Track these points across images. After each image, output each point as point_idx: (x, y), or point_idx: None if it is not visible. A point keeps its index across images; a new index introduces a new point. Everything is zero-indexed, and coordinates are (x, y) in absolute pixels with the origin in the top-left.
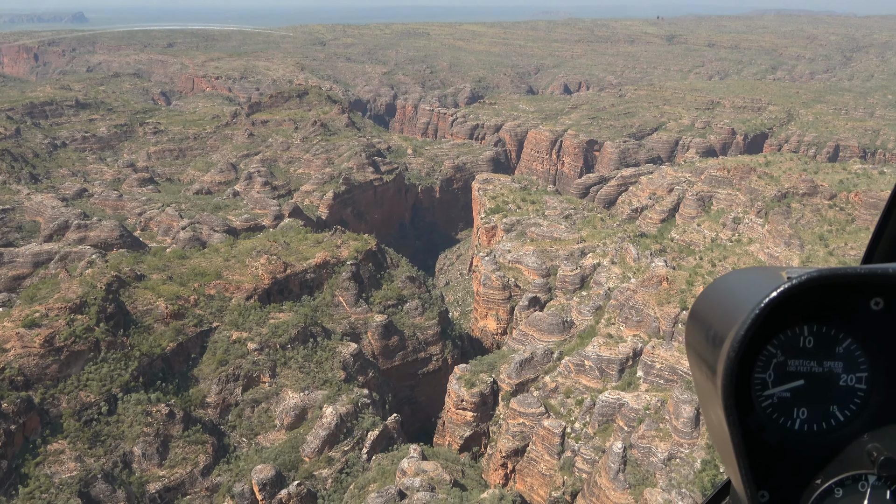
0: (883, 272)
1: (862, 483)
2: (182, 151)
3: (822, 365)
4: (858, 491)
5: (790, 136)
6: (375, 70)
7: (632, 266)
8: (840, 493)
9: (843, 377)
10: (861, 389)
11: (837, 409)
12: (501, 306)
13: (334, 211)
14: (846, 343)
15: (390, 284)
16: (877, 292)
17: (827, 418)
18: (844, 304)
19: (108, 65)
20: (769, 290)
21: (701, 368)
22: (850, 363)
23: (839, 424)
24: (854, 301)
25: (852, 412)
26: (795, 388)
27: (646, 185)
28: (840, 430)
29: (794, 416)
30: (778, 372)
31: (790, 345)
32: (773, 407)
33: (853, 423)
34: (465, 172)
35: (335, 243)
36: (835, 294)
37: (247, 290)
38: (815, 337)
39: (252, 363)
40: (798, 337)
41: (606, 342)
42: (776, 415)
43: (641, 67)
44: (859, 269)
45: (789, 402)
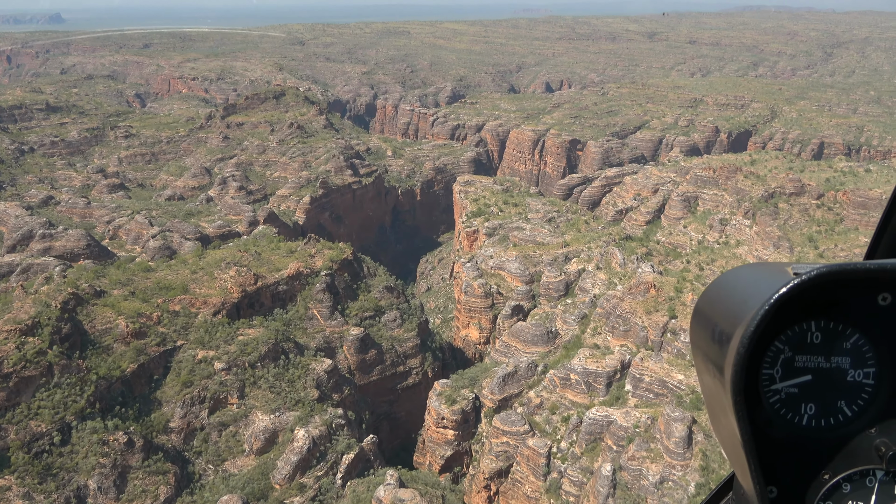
0: (892, 267)
1: (870, 478)
2: (154, 156)
3: (829, 360)
4: (866, 486)
5: (774, 134)
6: (355, 70)
7: (618, 271)
8: (848, 489)
9: (851, 372)
10: (869, 385)
11: (845, 404)
12: (484, 315)
13: (312, 216)
14: (854, 338)
15: (367, 295)
16: (884, 287)
17: (835, 413)
18: (852, 299)
19: (82, 66)
20: (778, 286)
21: (707, 366)
22: (857, 358)
23: (847, 420)
24: (862, 296)
25: (860, 407)
26: (803, 383)
27: (630, 185)
28: (848, 426)
29: (801, 412)
30: (786, 367)
31: (798, 340)
32: (780, 402)
33: (861, 419)
34: (446, 174)
35: (309, 253)
36: (842, 290)
37: (214, 305)
38: (823, 332)
39: (219, 384)
40: (805, 333)
41: (593, 354)
42: (784, 410)
43: (623, 65)
44: (867, 264)
45: (797, 398)
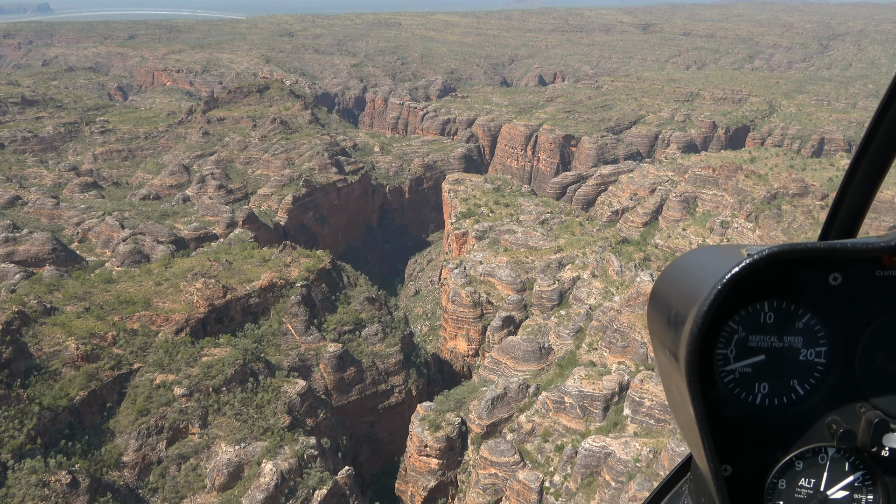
0: (841, 247)
1: (822, 456)
2: (131, 152)
3: (782, 340)
4: (818, 463)
5: (773, 130)
6: (344, 62)
7: (614, 280)
8: (801, 466)
9: (803, 352)
10: (820, 364)
11: (798, 383)
12: (472, 326)
13: (294, 216)
14: (805, 318)
15: (346, 307)
16: (835, 267)
17: (788, 392)
18: (804, 279)
19: (65, 58)
20: (730, 266)
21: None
22: (809, 338)
23: (799, 398)
24: (813, 277)
25: (812, 386)
26: (756, 363)
27: (626, 184)
28: (800, 404)
29: (755, 391)
30: (739, 347)
31: (751, 320)
32: (734, 382)
33: (813, 397)
34: (435, 171)
35: (284, 262)
36: (794, 270)
37: (177, 322)
38: (776, 312)
39: (179, 412)
40: (759, 313)
41: (588, 375)
42: (738, 389)
43: (617, 57)
44: (818, 244)
45: (751, 377)
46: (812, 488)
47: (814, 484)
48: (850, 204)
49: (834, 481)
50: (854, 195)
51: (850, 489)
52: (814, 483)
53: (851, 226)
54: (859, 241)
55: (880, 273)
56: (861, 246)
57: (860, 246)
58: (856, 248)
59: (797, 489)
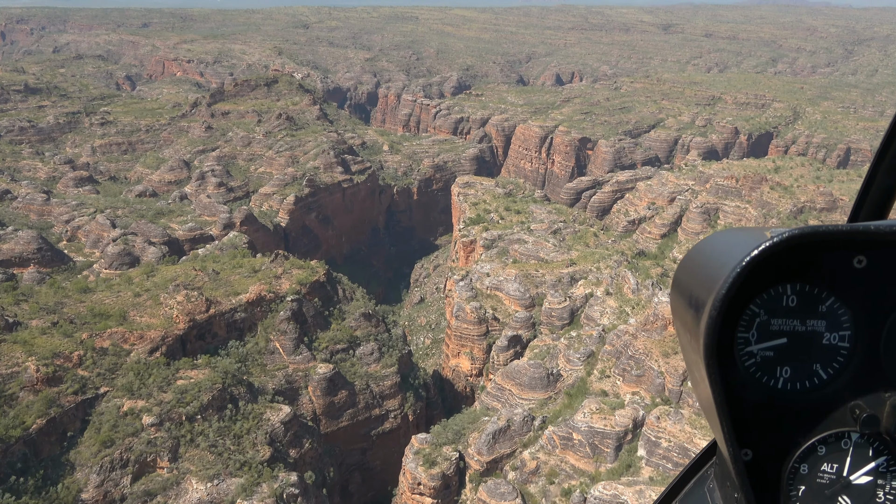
0: (865, 229)
1: (845, 440)
2: (132, 145)
3: (805, 324)
4: (841, 448)
5: (798, 137)
6: (358, 56)
7: (630, 298)
8: (823, 451)
9: (827, 336)
10: (844, 348)
11: (820, 367)
12: (476, 344)
13: (296, 217)
14: (829, 301)
15: (340, 324)
16: (859, 250)
17: (810, 377)
18: (827, 262)
19: (76, 45)
20: (750, 248)
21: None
22: (833, 322)
23: (822, 383)
24: (837, 259)
25: (835, 370)
26: (779, 347)
27: (644, 192)
28: (823, 389)
29: (777, 375)
30: (761, 331)
31: (773, 304)
32: (756, 366)
33: (836, 382)
34: (445, 172)
35: (274, 273)
36: (818, 253)
37: (152, 341)
38: (799, 296)
39: (146, 443)
40: (781, 296)
41: (600, 408)
42: (759, 374)
43: (637, 57)
44: (841, 226)
45: (772, 361)
46: (835, 473)
47: (836, 469)
48: (881, 185)
49: (857, 466)
50: (884, 176)
51: (874, 474)
52: (836, 468)
53: (882, 208)
54: (885, 223)
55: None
56: (886, 228)
57: (885, 228)
58: (880, 231)
59: (819, 474)
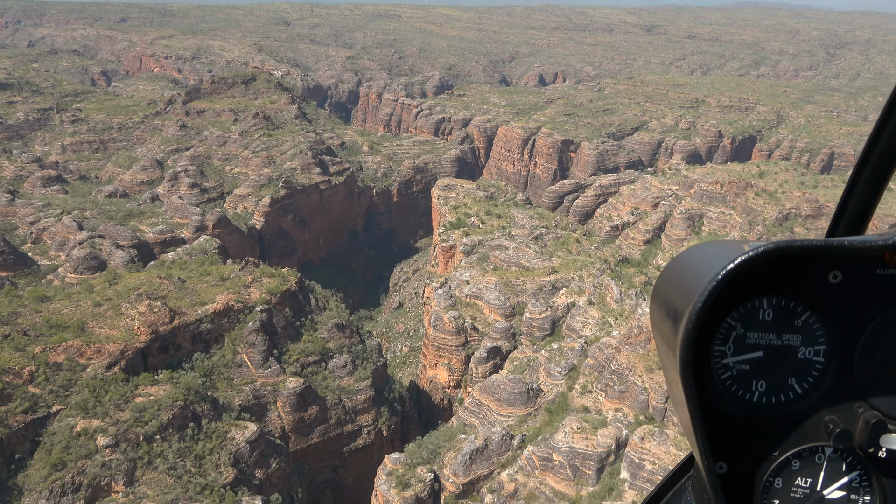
0: (839, 245)
1: (819, 455)
2: (103, 144)
3: (781, 338)
4: (815, 463)
5: (781, 141)
6: (340, 54)
7: (613, 309)
8: (797, 465)
9: (802, 350)
10: (819, 362)
11: (796, 381)
12: (455, 355)
13: (272, 219)
14: (805, 316)
15: (312, 335)
16: (834, 265)
17: (785, 391)
18: (803, 277)
19: (52, 39)
20: (726, 262)
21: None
22: (808, 336)
23: (797, 397)
24: (813, 274)
25: (810, 385)
26: (755, 360)
27: (627, 197)
28: (798, 403)
29: (752, 389)
30: (737, 344)
31: (750, 317)
32: (732, 379)
33: (811, 396)
34: (426, 173)
35: (243, 282)
36: (794, 267)
37: (110, 355)
38: (775, 310)
39: (101, 466)
40: (758, 310)
41: (581, 428)
42: (735, 387)
43: (621, 58)
44: (816, 241)
45: (748, 375)
46: (808, 487)
47: (810, 483)
48: (858, 201)
49: (830, 481)
50: (862, 191)
51: (847, 489)
52: (810, 482)
53: (859, 223)
54: (859, 238)
55: (881, 271)
56: (861, 244)
57: (860, 244)
58: (855, 246)
59: (793, 488)
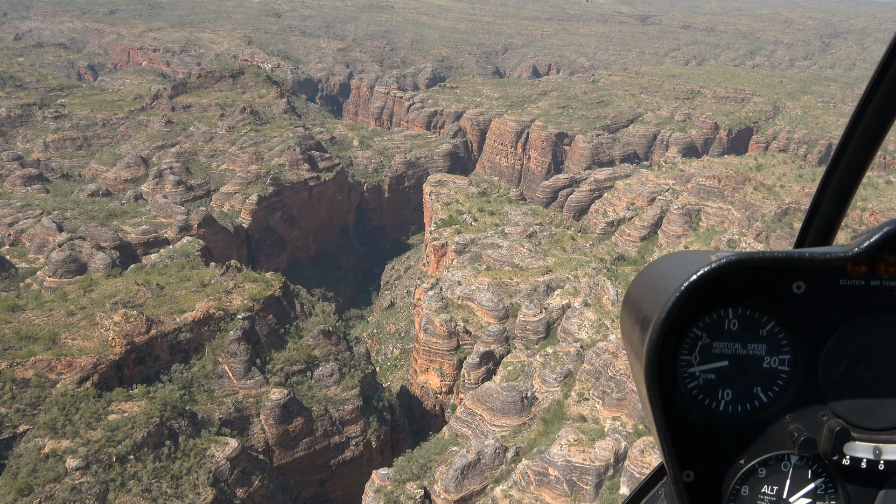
0: (800, 256)
1: (785, 463)
2: (87, 140)
3: (746, 347)
4: (781, 471)
5: (778, 133)
6: (331, 46)
7: (610, 311)
8: (763, 473)
9: (767, 359)
10: (784, 371)
11: (761, 390)
12: (446, 359)
13: (259, 218)
14: (769, 326)
15: (297, 342)
16: (798, 276)
17: (751, 399)
18: (768, 287)
19: (39, 32)
20: (691, 272)
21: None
22: (773, 346)
23: (763, 406)
24: (777, 285)
25: (775, 394)
26: (721, 370)
27: (623, 192)
28: (763, 412)
29: (719, 398)
30: (703, 354)
31: (716, 327)
32: (698, 388)
33: (776, 405)
34: (418, 168)
35: (225, 287)
36: (759, 278)
37: (82, 369)
38: (740, 319)
39: (71, 489)
40: (723, 319)
41: (578, 440)
42: (701, 396)
43: (615, 49)
44: (779, 253)
45: (714, 384)
46: (775, 495)
47: (776, 491)
48: (825, 212)
49: (796, 488)
50: (829, 203)
51: (813, 496)
52: (776, 490)
53: (827, 234)
54: (821, 250)
55: (843, 282)
56: (822, 255)
57: (821, 255)
58: (816, 258)
59: (760, 496)
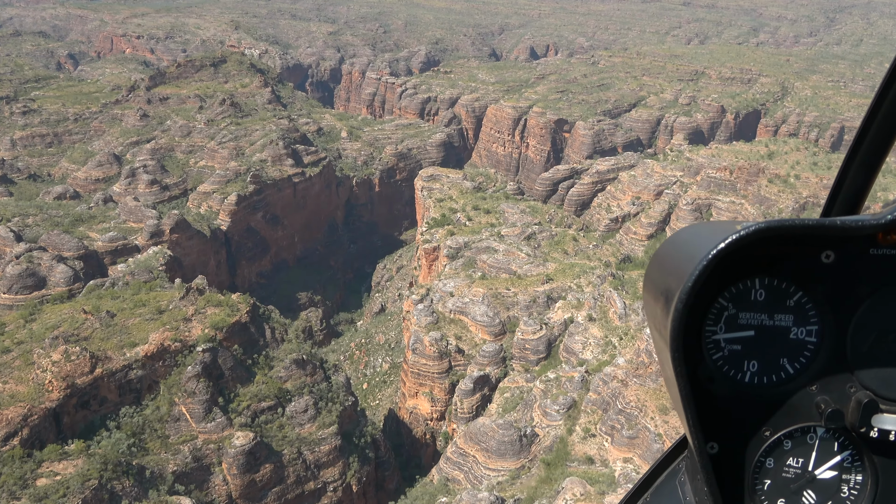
0: (831, 224)
1: (811, 435)
2: (58, 137)
3: (772, 318)
4: (807, 443)
5: (788, 116)
6: (321, 29)
7: (616, 326)
8: (789, 445)
9: (794, 330)
10: (811, 342)
11: (787, 361)
12: (437, 383)
13: (239, 219)
14: (797, 296)
15: (267, 374)
16: (827, 245)
17: (777, 371)
18: (796, 257)
19: (20, 20)
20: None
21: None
22: (800, 316)
23: (789, 377)
24: (805, 254)
25: (802, 365)
26: (746, 341)
27: (627, 185)
28: (789, 383)
29: (744, 369)
30: (729, 325)
31: (742, 298)
32: (723, 360)
33: (802, 376)
34: (410, 160)
35: (184, 314)
36: (786, 247)
37: (9, 423)
38: (767, 290)
39: None
40: (750, 290)
41: (585, 495)
42: (726, 367)
43: (615, 28)
44: (808, 221)
45: (740, 355)
46: (800, 467)
47: (801, 463)
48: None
49: (822, 461)
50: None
51: (839, 469)
52: (802, 462)
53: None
54: (852, 218)
55: (874, 251)
56: (854, 223)
57: (853, 223)
58: (848, 226)
59: (785, 468)
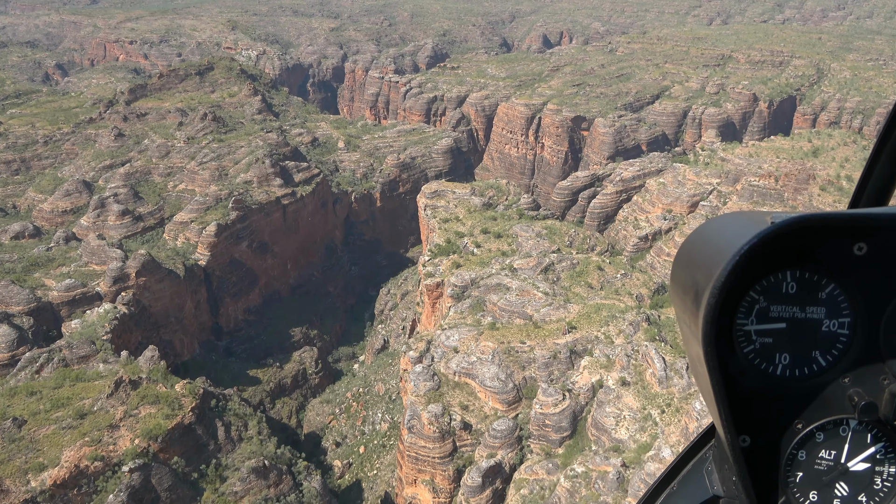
0: (865, 216)
1: (843, 428)
2: (26, 163)
3: (804, 310)
4: (840, 435)
5: (827, 102)
6: (323, 25)
7: (656, 393)
8: (821, 438)
9: (826, 322)
10: (843, 335)
11: (819, 354)
12: (439, 469)
13: (220, 251)
14: (829, 288)
15: (218, 489)
16: (860, 237)
17: (809, 363)
18: (828, 249)
19: (13, 29)
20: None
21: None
22: (832, 309)
23: (821, 370)
24: (837, 246)
25: (834, 357)
26: (778, 334)
27: (657, 195)
28: (822, 376)
29: (776, 362)
30: (760, 317)
31: (773, 290)
32: (755, 353)
33: (835, 369)
34: (414, 170)
35: (109, 419)
36: (818, 239)
37: None
38: (798, 282)
39: None
40: (781, 283)
41: None
42: (758, 360)
43: (631, 10)
44: (841, 213)
45: (771, 348)
46: (832, 460)
47: (834, 455)
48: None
49: (855, 453)
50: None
51: (872, 461)
52: (834, 455)
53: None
54: (885, 209)
55: None
56: (886, 214)
57: (885, 214)
58: (881, 217)
59: (817, 460)
